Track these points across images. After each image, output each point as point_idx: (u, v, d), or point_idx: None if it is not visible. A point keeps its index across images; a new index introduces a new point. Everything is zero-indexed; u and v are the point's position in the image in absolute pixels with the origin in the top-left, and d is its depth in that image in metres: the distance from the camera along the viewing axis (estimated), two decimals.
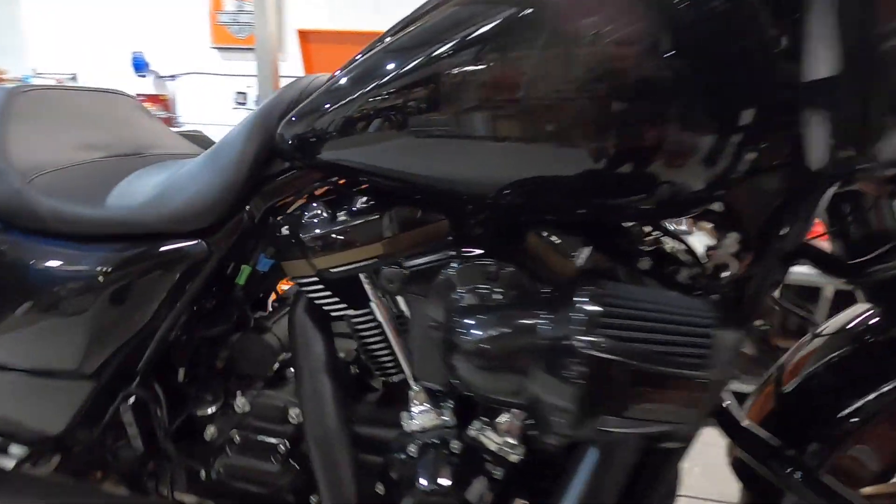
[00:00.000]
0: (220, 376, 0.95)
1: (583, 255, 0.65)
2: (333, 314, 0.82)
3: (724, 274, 0.64)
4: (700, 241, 0.72)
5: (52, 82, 5.36)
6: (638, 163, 0.54)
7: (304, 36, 2.97)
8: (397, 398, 0.88)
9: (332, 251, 0.74)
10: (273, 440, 0.86)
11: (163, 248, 0.78)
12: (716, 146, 0.52)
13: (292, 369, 0.94)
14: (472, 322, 0.56)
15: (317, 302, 0.80)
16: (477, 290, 0.62)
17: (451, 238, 0.73)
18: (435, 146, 0.62)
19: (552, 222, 0.68)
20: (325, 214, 0.75)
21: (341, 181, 0.79)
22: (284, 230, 0.78)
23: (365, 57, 0.67)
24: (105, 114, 1.01)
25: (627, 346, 0.52)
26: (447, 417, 0.77)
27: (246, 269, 0.85)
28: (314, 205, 0.76)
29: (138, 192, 0.81)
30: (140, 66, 4.96)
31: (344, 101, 0.66)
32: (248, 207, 0.81)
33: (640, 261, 0.67)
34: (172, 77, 5.05)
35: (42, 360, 0.83)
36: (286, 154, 0.76)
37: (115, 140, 1.00)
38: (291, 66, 3.51)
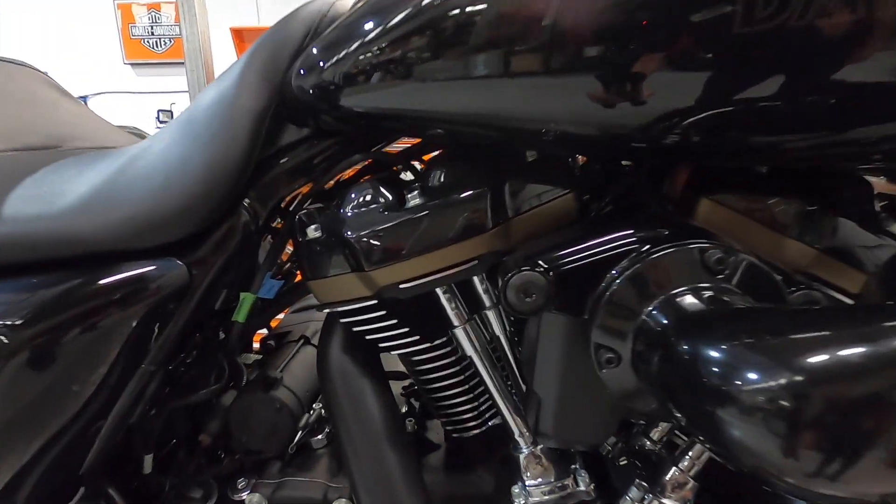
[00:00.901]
0: (208, 461, 0.64)
1: (813, 226, 0.43)
2: (388, 349, 0.54)
3: None
4: None
5: None
6: None
7: (239, 35, 2.63)
8: (472, 457, 0.62)
9: (404, 256, 0.47)
10: None
11: (112, 278, 0.47)
12: None
13: (322, 437, 0.65)
14: (736, 350, 0.31)
15: (368, 336, 0.53)
16: (702, 291, 0.37)
17: (579, 223, 0.48)
18: (560, 65, 0.37)
19: (737, 182, 0.45)
20: (385, 199, 0.48)
21: (395, 150, 0.53)
22: (315, 232, 0.50)
23: None
24: (4, 91, 0.69)
25: None
26: (583, 487, 0.52)
27: (248, 299, 0.55)
28: (361, 187, 0.49)
29: (62, 190, 0.50)
30: None
31: (392, 21, 0.41)
32: (246, 202, 0.52)
33: (886, 223, 0.45)
34: (83, 98, 4.52)
35: None
36: (306, 110, 0.49)
37: (21, 127, 0.67)
38: None
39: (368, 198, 0.48)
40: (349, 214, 0.48)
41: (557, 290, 0.41)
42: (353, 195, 0.49)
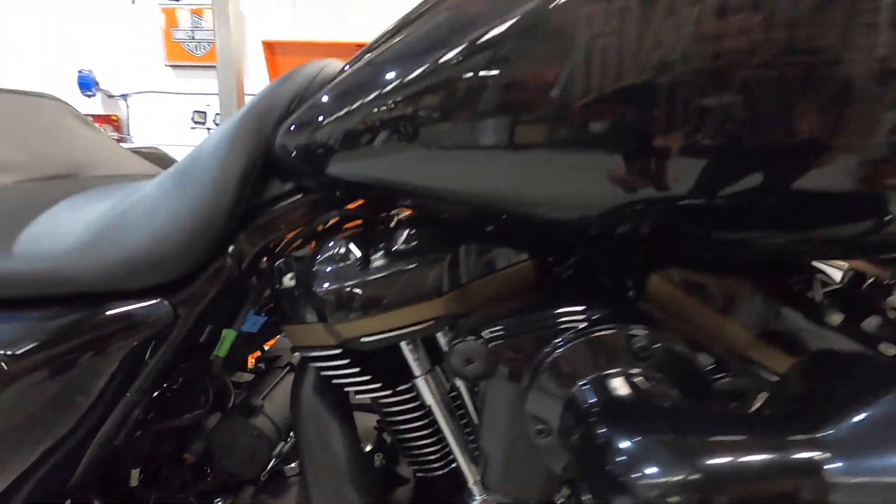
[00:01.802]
0: (191, 478, 0.69)
1: (755, 310, 0.44)
2: (357, 394, 0.58)
3: None
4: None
5: None
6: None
7: (270, 47, 2.73)
8: (438, 495, 0.65)
9: (366, 313, 0.50)
10: None
11: (103, 316, 0.52)
12: None
13: (295, 465, 0.68)
14: (643, 444, 0.33)
15: (334, 381, 0.56)
16: (627, 377, 0.39)
17: (537, 288, 0.51)
18: (525, 149, 0.40)
19: (693, 259, 0.47)
20: (353, 257, 0.51)
21: (374, 208, 0.56)
22: (290, 281, 0.54)
23: (413, 22, 0.45)
24: (29, 123, 0.75)
25: None
26: None
27: (229, 336, 0.59)
28: (334, 243, 0.53)
29: (67, 231, 0.55)
30: (87, 84, 4.60)
31: (382, 90, 0.44)
32: (231, 249, 0.56)
33: (826, 312, 0.46)
34: (124, 96, 4.72)
35: None
36: (289, 170, 0.53)
37: (40, 157, 0.73)
38: (256, 83, 3.28)
39: (337, 254, 0.52)
40: (318, 269, 0.52)
41: (497, 360, 0.44)
42: (324, 250, 0.52)
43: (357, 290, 0.50)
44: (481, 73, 0.39)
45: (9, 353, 0.49)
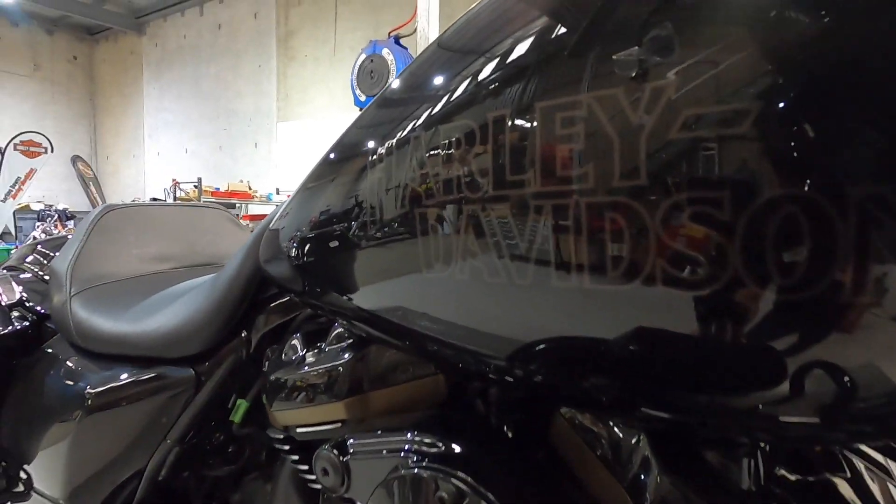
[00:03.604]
0: None
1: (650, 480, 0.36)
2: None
3: None
4: None
5: (287, 198, 6.64)
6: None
7: None
8: None
9: (291, 404, 0.56)
10: None
11: (146, 375, 0.69)
12: None
13: None
14: None
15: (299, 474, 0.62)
16: None
17: (445, 401, 0.49)
18: (425, 287, 0.38)
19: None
20: (297, 351, 0.58)
21: None
22: (266, 365, 0.63)
23: (333, 156, 0.51)
24: (192, 226, 1.05)
25: None
26: None
27: (242, 405, 0.71)
28: (295, 337, 0.60)
29: (155, 309, 0.76)
30: None
31: (317, 214, 0.49)
32: (244, 333, 0.69)
33: None
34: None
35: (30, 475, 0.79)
36: (268, 279, 0.63)
37: (192, 251, 1.01)
38: None
39: (292, 347, 0.59)
40: (275, 360, 0.60)
41: (346, 475, 0.44)
42: (284, 344, 0.61)
43: (288, 381, 0.56)
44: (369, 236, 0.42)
45: (91, 391, 0.70)
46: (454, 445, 0.41)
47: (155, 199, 7.26)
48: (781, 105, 0.23)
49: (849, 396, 0.24)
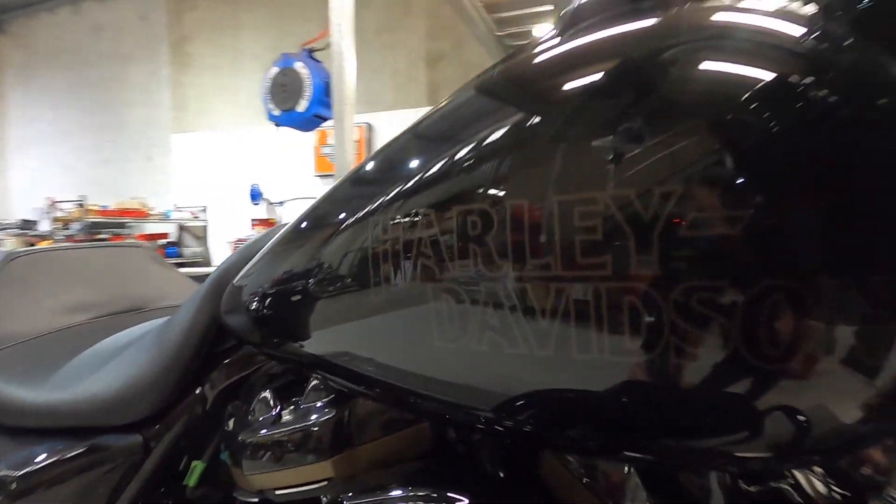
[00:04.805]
0: None
1: None
2: None
3: None
4: None
5: (187, 214, 6.22)
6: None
7: None
8: None
9: (270, 466, 0.54)
10: None
11: (82, 447, 0.63)
12: None
13: None
14: None
15: None
16: None
17: (433, 448, 0.50)
18: (400, 342, 0.40)
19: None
20: (270, 407, 0.56)
21: None
22: (230, 423, 0.60)
23: (304, 224, 0.50)
24: (111, 269, 0.96)
25: None
26: None
27: (198, 466, 0.67)
28: (265, 392, 0.58)
29: (88, 371, 0.69)
30: (255, 195, 5.57)
31: (285, 273, 0.49)
32: (199, 391, 0.65)
33: None
34: (281, 203, 5.60)
35: None
36: (230, 331, 0.60)
37: (115, 296, 0.93)
38: None
39: (263, 402, 0.57)
40: (240, 419, 0.57)
41: None
42: (253, 401, 0.58)
43: (264, 441, 0.54)
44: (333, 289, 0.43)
45: (16, 474, 0.62)
46: (452, 495, 0.42)
47: (27, 222, 6.43)
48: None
49: (800, 434, 0.28)
